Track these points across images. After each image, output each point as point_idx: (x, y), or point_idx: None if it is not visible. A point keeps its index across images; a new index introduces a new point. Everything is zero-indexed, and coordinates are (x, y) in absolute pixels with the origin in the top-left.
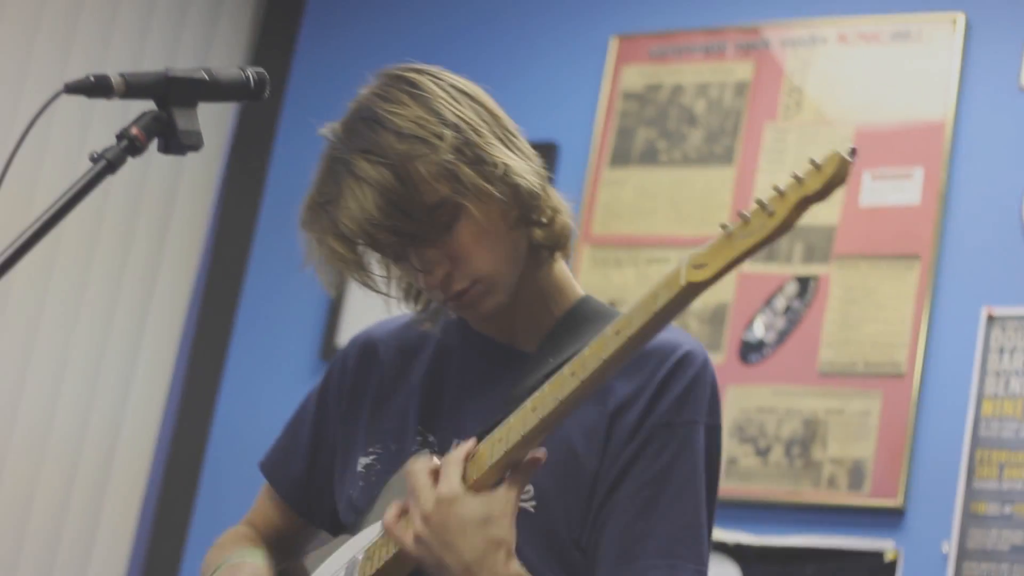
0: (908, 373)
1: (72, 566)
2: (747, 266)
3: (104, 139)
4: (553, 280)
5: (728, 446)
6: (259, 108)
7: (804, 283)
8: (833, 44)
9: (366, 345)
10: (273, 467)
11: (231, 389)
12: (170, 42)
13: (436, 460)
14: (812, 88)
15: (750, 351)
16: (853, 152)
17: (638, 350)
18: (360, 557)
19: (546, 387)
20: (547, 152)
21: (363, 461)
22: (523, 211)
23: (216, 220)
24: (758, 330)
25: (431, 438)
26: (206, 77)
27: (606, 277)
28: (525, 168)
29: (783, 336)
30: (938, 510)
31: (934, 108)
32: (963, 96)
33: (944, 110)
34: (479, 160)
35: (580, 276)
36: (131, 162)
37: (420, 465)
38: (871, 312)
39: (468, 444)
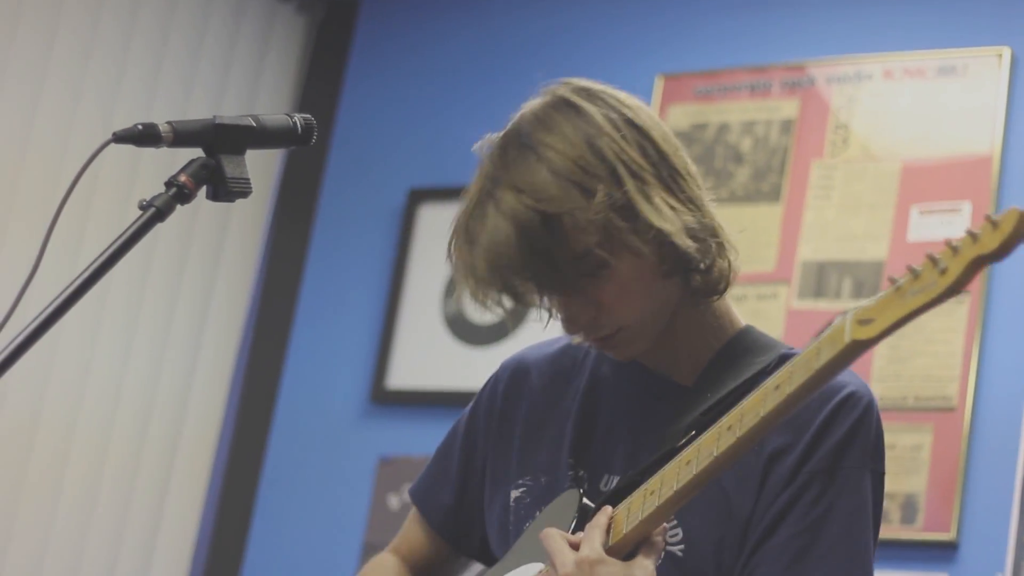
0: (959, 406)
1: (137, 558)
2: (796, 302)
3: (152, 186)
4: (712, 312)
5: None
6: (306, 152)
7: None
8: (879, 80)
9: (518, 370)
10: (423, 495)
11: (279, 440)
12: (216, 88)
13: (571, 533)
14: (858, 124)
15: None
16: None
17: (798, 406)
18: None
19: (703, 440)
20: None
21: (514, 494)
22: (677, 265)
23: (264, 266)
24: None
25: (581, 472)
26: (254, 124)
27: None
28: (681, 227)
29: None
30: (992, 543)
31: (981, 142)
32: (1010, 130)
33: (991, 144)
34: (634, 216)
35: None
36: (179, 209)
37: (555, 531)
38: (921, 346)
39: (608, 511)
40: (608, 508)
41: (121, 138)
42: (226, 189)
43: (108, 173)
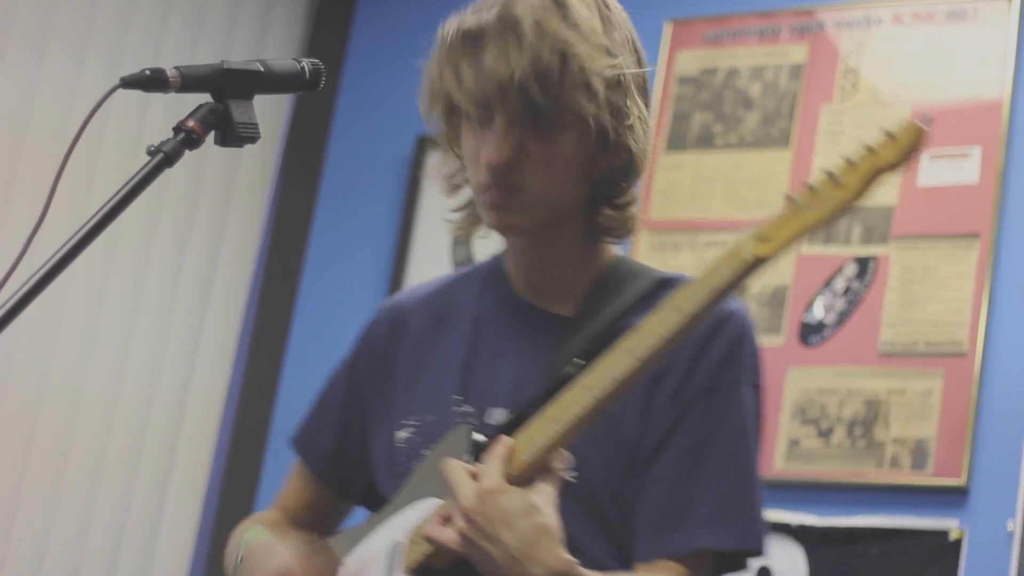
0: (970, 352)
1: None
2: (806, 248)
3: (161, 132)
4: (590, 244)
5: (790, 428)
6: (314, 99)
7: (863, 264)
8: (888, 25)
9: (396, 313)
10: (304, 441)
11: (292, 377)
12: (224, 34)
13: (473, 463)
14: (868, 69)
15: (810, 333)
16: (929, 121)
17: (697, 326)
18: (404, 541)
19: (601, 365)
20: None
21: (400, 435)
22: (609, 173)
23: (274, 210)
24: (818, 312)
25: (468, 408)
26: (262, 69)
27: (664, 262)
28: (643, 139)
29: (843, 317)
30: (1002, 488)
31: (991, 87)
32: (1019, 74)
33: (1001, 89)
34: (619, 102)
35: (638, 260)
36: (188, 154)
37: (456, 462)
38: (931, 292)
39: (507, 441)
40: (505, 438)
41: (129, 83)
42: (234, 134)
43: (116, 119)
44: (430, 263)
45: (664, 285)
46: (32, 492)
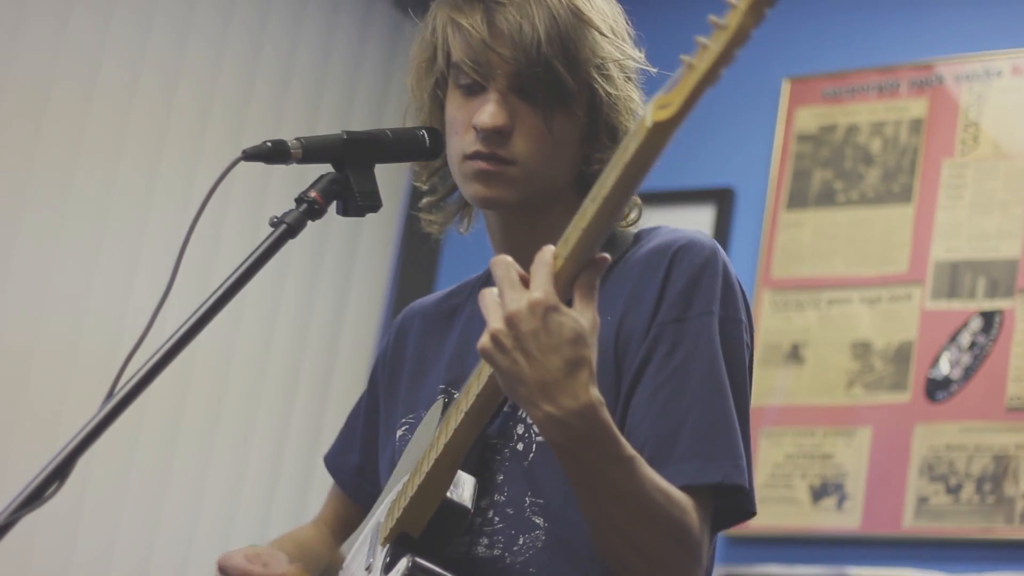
0: None
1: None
2: (930, 303)
3: (283, 202)
4: None
5: (918, 485)
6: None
7: (989, 318)
8: (1008, 77)
9: (406, 319)
10: (333, 460)
11: None
12: (344, 102)
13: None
14: (988, 122)
15: (937, 389)
16: None
17: (620, 211)
18: (383, 519)
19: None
20: (724, 197)
21: (398, 433)
22: (600, 160)
23: (396, 277)
24: (944, 367)
25: (454, 392)
26: (382, 138)
27: (788, 320)
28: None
29: (969, 372)
30: None
31: None
32: None
33: None
34: (625, 88)
35: (761, 320)
36: (310, 224)
37: (506, 263)
38: None
39: (549, 247)
40: (549, 246)
41: (251, 156)
42: (356, 204)
43: (238, 190)
44: None
45: (639, 237)
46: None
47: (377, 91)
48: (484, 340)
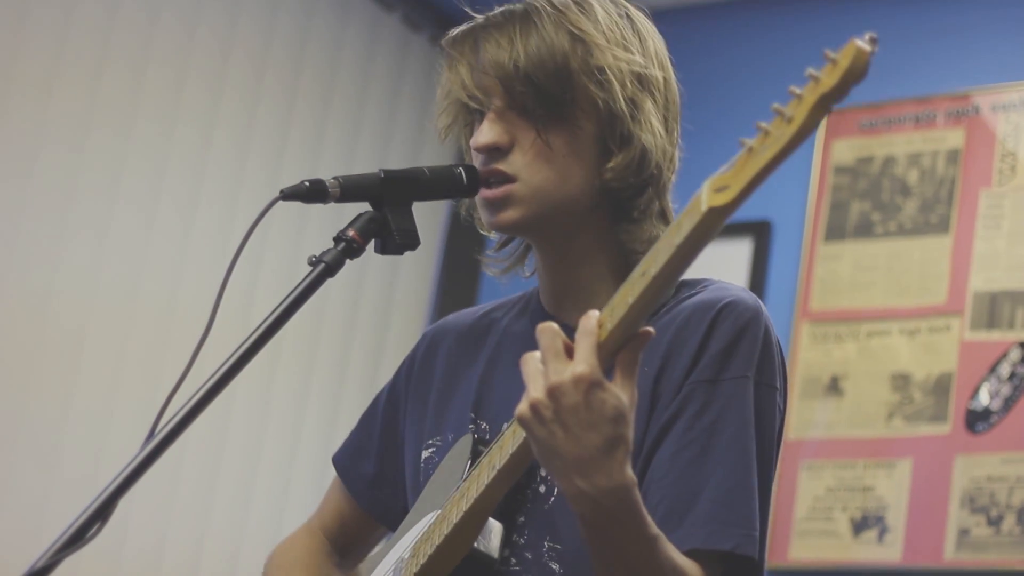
0: None
1: None
2: (968, 334)
3: (321, 240)
4: (618, 260)
5: (959, 517)
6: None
7: None
8: None
9: (437, 334)
10: (345, 463)
11: None
12: (381, 140)
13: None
14: None
15: (977, 420)
16: (872, 41)
17: (668, 289)
18: (407, 556)
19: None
20: (762, 230)
21: (424, 454)
22: (620, 172)
23: (434, 315)
24: (984, 398)
25: (484, 425)
26: (419, 176)
27: (827, 353)
28: (663, 139)
29: (1010, 403)
30: None
31: None
32: None
33: None
34: (635, 97)
35: (800, 353)
36: (348, 262)
37: (552, 332)
38: None
39: (594, 313)
40: (592, 311)
41: (289, 195)
42: (394, 242)
43: (276, 229)
44: None
45: (682, 287)
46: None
47: (414, 127)
48: (523, 408)
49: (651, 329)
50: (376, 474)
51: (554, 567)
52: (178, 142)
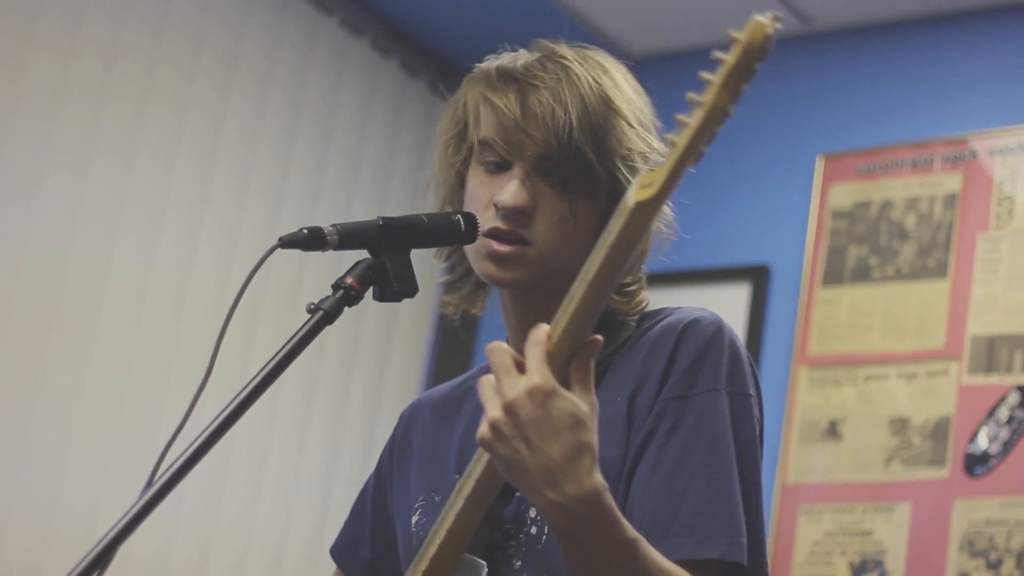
0: None
1: None
2: (967, 378)
3: (320, 288)
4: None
5: (958, 561)
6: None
7: None
8: None
9: (414, 410)
10: (342, 553)
11: None
12: (379, 188)
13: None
14: (1023, 196)
15: (975, 464)
16: (775, 18)
17: (607, 292)
18: None
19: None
20: (760, 275)
21: (413, 519)
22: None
23: (433, 364)
24: (982, 442)
25: None
26: (417, 224)
27: (825, 397)
28: (665, 223)
29: (1008, 447)
30: None
31: None
32: None
33: None
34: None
35: (798, 397)
36: (347, 311)
37: (501, 350)
38: None
39: (545, 327)
40: (542, 324)
41: (287, 243)
42: (392, 290)
43: (275, 276)
44: None
45: (644, 320)
46: None
47: (412, 174)
48: (483, 430)
49: (599, 337)
50: (373, 559)
51: None
52: (176, 188)
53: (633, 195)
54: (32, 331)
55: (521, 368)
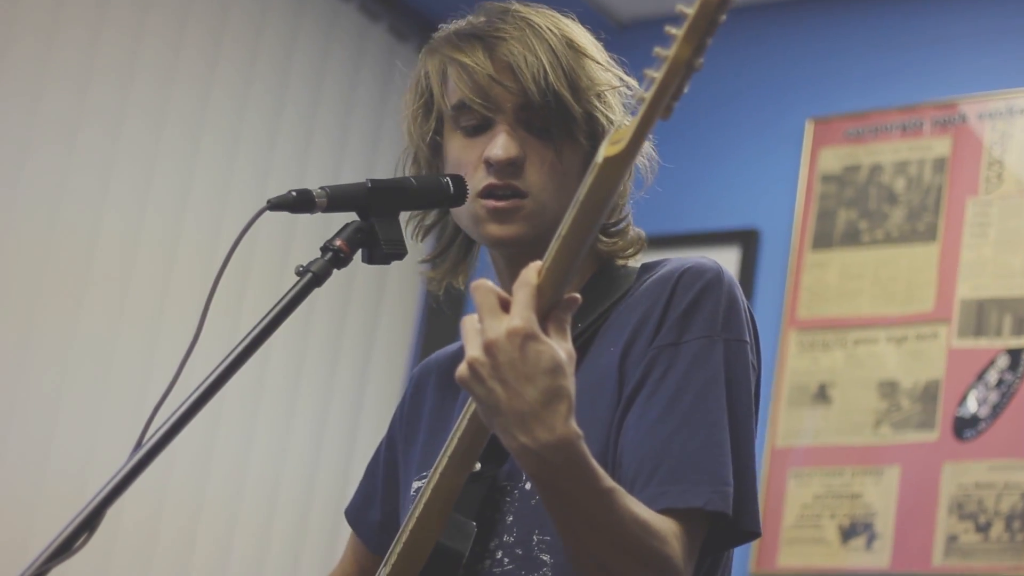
0: None
1: None
2: (956, 341)
3: (308, 250)
4: (605, 270)
5: (947, 523)
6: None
7: (1015, 355)
8: None
9: (422, 373)
10: (355, 515)
11: None
12: (367, 151)
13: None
14: (1012, 159)
15: (964, 427)
16: None
17: (583, 248)
18: (382, 566)
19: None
20: (749, 239)
21: (415, 485)
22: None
23: (422, 325)
24: (971, 405)
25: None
26: (406, 186)
27: (815, 361)
28: (646, 167)
29: (997, 410)
30: None
31: None
32: None
33: None
34: (619, 115)
35: (788, 361)
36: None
37: (486, 289)
38: None
39: (536, 264)
40: (535, 263)
41: (276, 205)
42: (381, 252)
43: (264, 239)
44: None
45: (644, 271)
46: None
47: (400, 138)
48: (462, 369)
49: (577, 295)
50: (383, 519)
51: (545, 558)
52: (165, 151)
53: (603, 151)
54: (21, 297)
55: (506, 308)
